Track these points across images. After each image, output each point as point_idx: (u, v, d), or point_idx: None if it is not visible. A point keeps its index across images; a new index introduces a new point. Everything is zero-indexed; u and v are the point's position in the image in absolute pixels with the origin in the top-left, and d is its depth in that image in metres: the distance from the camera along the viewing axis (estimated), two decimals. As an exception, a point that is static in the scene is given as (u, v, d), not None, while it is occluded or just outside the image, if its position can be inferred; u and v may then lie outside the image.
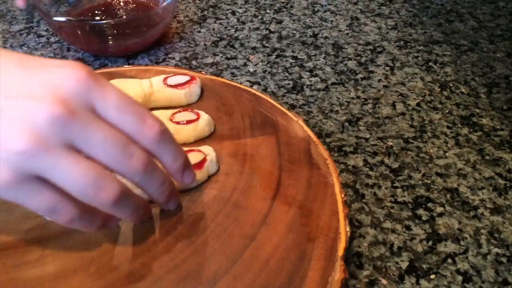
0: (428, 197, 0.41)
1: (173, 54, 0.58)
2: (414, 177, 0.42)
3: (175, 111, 0.42)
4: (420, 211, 0.39)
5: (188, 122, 0.41)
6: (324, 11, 0.68)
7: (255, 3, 0.69)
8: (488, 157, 0.45)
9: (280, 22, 0.65)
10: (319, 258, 0.32)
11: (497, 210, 0.40)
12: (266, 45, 0.60)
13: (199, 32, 0.63)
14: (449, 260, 0.36)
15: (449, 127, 0.48)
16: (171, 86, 0.45)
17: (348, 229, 0.34)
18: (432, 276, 0.35)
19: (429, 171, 0.43)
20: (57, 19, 0.51)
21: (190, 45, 0.60)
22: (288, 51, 0.59)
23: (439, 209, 0.40)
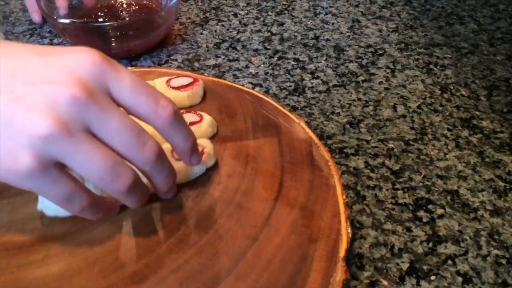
0: (429, 199, 0.41)
1: (176, 56, 0.59)
2: (414, 179, 0.43)
3: (178, 112, 0.43)
4: (421, 213, 0.40)
5: (191, 123, 0.41)
6: (326, 14, 0.68)
7: (257, 5, 0.70)
8: (488, 160, 0.45)
9: (281, 24, 0.66)
10: (321, 259, 0.32)
11: (497, 212, 0.40)
12: (268, 47, 0.61)
13: (201, 34, 0.63)
14: (449, 262, 0.36)
15: (450, 130, 0.48)
16: (174, 88, 0.45)
17: (349, 230, 0.34)
18: (433, 277, 0.35)
19: (430, 173, 0.43)
20: (61, 21, 0.52)
21: (193, 47, 0.60)
22: (290, 53, 0.60)
23: (440, 211, 0.40)
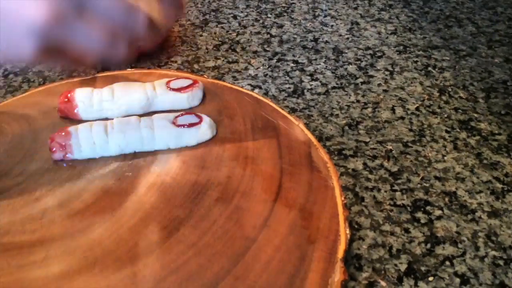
0: (427, 200, 0.41)
1: (175, 57, 0.59)
2: (413, 181, 0.43)
3: (177, 114, 0.43)
4: (419, 214, 0.40)
5: (191, 125, 0.41)
6: (325, 16, 0.68)
7: (256, 8, 0.70)
8: (486, 161, 0.45)
9: (281, 26, 0.66)
10: (319, 260, 0.32)
11: (495, 214, 0.40)
12: (267, 49, 0.61)
13: (201, 36, 0.64)
14: (447, 263, 0.36)
15: (448, 131, 0.49)
16: (173, 89, 0.45)
17: (348, 231, 0.34)
18: (430, 278, 0.35)
19: (428, 175, 0.44)
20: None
21: (192, 49, 0.61)
22: (289, 55, 0.60)
23: (438, 212, 0.40)
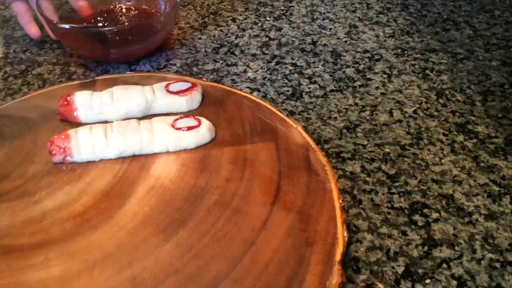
0: (424, 203, 0.42)
1: (174, 60, 0.59)
2: (410, 183, 0.43)
3: (176, 117, 0.43)
4: (416, 217, 0.40)
5: (190, 128, 0.42)
6: (323, 19, 0.69)
7: (255, 11, 0.70)
8: (483, 164, 0.45)
9: (279, 29, 0.66)
10: (317, 263, 0.33)
11: (491, 216, 0.40)
12: (266, 52, 0.61)
13: (200, 39, 0.64)
14: (444, 265, 0.37)
15: (445, 134, 0.49)
16: (173, 92, 0.46)
17: (345, 234, 0.35)
18: (428, 281, 0.35)
19: (425, 178, 0.44)
20: (61, 26, 0.52)
21: (191, 52, 0.61)
22: (288, 58, 0.60)
23: (435, 215, 0.40)
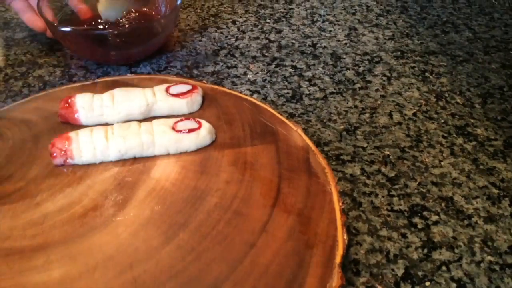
0: (424, 205, 0.42)
1: (175, 62, 0.59)
2: (410, 186, 0.43)
3: (177, 119, 0.43)
4: (416, 219, 0.40)
5: (190, 131, 0.42)
6: (323, 21, 0.69)
7: (255, 13, 0.71)
8: (482, 167, 0.46)
9: (279, 31, 0.66)
10: (317, 265, 0.33)
11: (491, 219, 0.41)
12: (266, 54, 0.62)
13: (200, 41, 0.64)
14: (444, 268, 0.37)
15: (445, 137, 0.49)
16: (173, 95, 0.46)
17: (345, 236, 0.35)
18: (427, 283, 0.36)
19: (425, 180, 0.44)
20: (62, 29, 0.52)
21: (191, 54, 0.61)
22: (288, 61, 0.60)
23: (434, 218, 0.41)
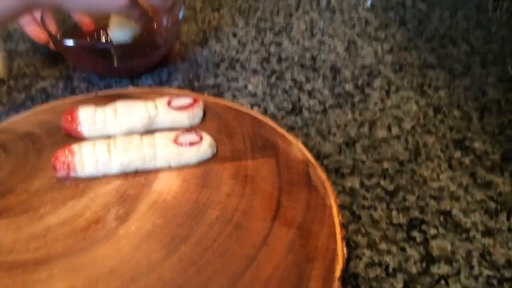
0: (422, 219, 0.42)
1: (176, 75, 0.60)
2: (408, 200, 0.44)
3: (179, 133, 0.44)
4: (415, 233, 0.41)
5: (192, 144, 0.42)
6: (322, 35, 0.70)
7: (256, 26, 0.72)
8: (480, 180, 0.46)
9: (279, 44, 0.67)
10: (318, 279, 0.33)
11: (489, 233, 0.41)
12: (266, 67, 0.62)
13: (201, 54, 0.65)
14: (442, 282, 0.37)
15: (443, 150, 0.50)
16: (175, 108, 0.46)
17: (345, 250, 0.35)
18: (426, 297, 0.36)
19: (423, 194, 0.45)
20: (66, 43, 0.53)
21: (192, 67, 0.62)
22: (287, 74, 0.61)
23: (433, 231, 0.41)
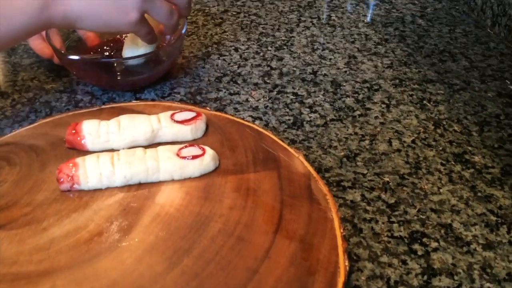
0: (423, 232, 0.42)
1: (178, 89, 0.61)
2: (409, 213, 0.44)
3: (181, 146, 0.44)
4: (416, 246, 0.41)
5: (194, 157, 0.43)
6: (323, 49, 0.71)
7: (257, 41, 0.73)
8: (480, 194, 0.46)
9: (281, 59, 0.68)
10: (319, 292, 0.33)
11: (489, 246, 0.41)
12: (268, 81, 0.63)
13: (203, 68, 0.66)
14: (444, 295, 0.37)
15: (443, 164, 0.50)
16: (178, 122, 0.47)
17: (347, 263, 0.35)
18: (428, 310, 0.36)
19: (424, 207, 0.45)
20: (70, 57, 0.54)
21: (195, 81, 0.63)
22: (289, 88, 0.62)
23: (434, 244, 0.41)
